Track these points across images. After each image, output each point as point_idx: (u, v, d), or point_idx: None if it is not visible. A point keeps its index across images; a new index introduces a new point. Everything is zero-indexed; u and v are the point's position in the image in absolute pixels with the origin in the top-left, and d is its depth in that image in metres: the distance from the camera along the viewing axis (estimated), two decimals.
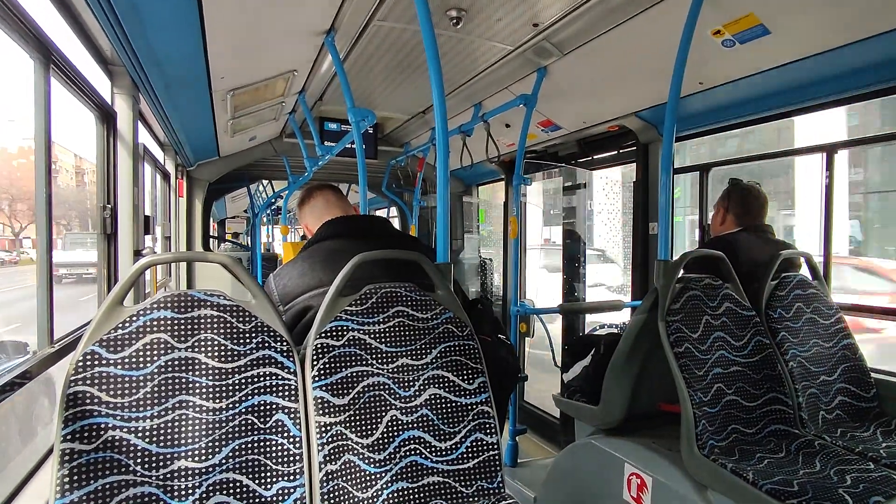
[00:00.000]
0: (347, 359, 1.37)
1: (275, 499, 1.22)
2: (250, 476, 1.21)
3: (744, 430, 1.79)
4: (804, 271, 2.23)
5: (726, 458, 1.64)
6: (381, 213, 7.56)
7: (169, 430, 1.18)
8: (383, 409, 1.37)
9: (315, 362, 1.33)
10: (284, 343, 1.31)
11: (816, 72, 2.08)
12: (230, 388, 1.24)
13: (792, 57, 2.03)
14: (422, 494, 1.33)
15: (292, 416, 1.28)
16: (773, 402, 1.85)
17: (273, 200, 6.71)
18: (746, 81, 2.25)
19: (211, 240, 6.46)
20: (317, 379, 1.32)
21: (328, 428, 1.29)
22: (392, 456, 1.34)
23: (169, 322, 1.22)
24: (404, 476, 1.33)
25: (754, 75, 2.19)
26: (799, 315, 2.06)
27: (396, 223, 6.08)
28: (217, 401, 1.22)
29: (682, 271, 1.96)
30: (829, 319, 2.09)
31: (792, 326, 2.02)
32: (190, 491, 1.16)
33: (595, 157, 3.65)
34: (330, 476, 1.26)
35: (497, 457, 1.41)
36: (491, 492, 1.39)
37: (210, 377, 1.23)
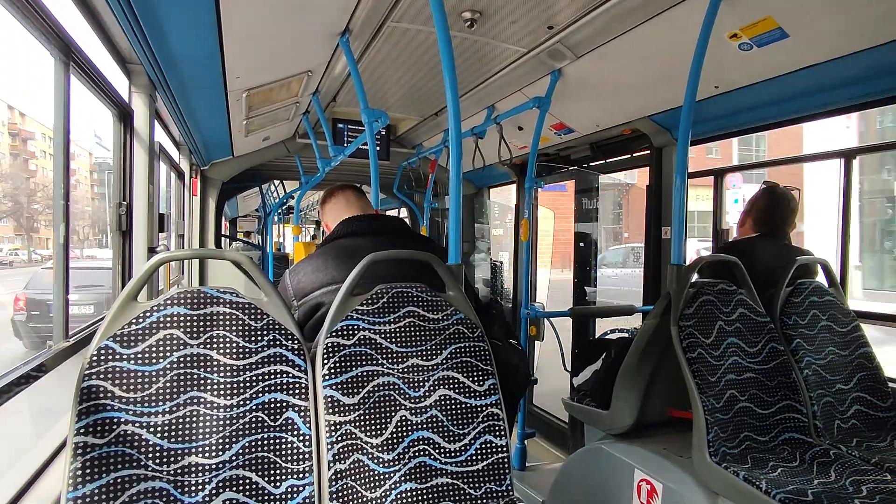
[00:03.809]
0: (358, 358, 1.37)
1: (284, 496, 1.22)
2: (260, 473, 1.22)
3: (757, 437, 1.76)
4: (821, 278, 2.20)
5: (738, 466, 1.62)
6: (392, 214, 7.59)
7: (181, 426, 1.19)
8: (393, 409, 1.37)
9: (325, 361, 1.33)
10: (295, 341, 1.32)
11: (835, 76, 2.05)
12: (241, 385, 1.25)
13: (811, 61, 2.00)
14: (430, 495, 1.33)
15: (302, 414, 1.28)
16: (787, 409, 1.83)
17: (285, 201, 6.75)
18: (763, 85, 2.22)
19: (223, 239, 6.52)
20: (327, 378, 1.32)
21: (338, 427, 1.29)
22: (401, 456, 1.33)
23: (182, 318, 1.23)
24: (413, 476, 1.33)
25: (772, 79, 2.17)
26: (814, 322, 2.03)
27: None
28: (228, 397, 1.23)
29: (695, 276, 1.94)
30: (845, 327, 2.05)
31: (807, 334, 1.99)
32: (200, 487, 1.17)
33: (608, 160, 3.63)
34: (339, 475, 1.26)
35: (506, 459, 1.41)
36: (500, 494, 1.38)
37: (222, 374, 1.24)
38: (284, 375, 1.29)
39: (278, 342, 1.30)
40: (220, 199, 4.59)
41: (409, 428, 1.36)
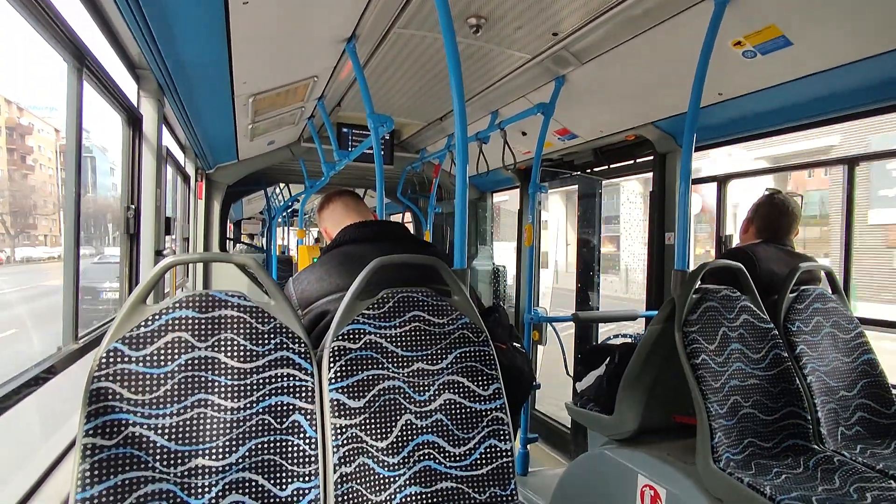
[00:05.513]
0: (364, 362, 1.38)
1: (290, 499, 1.23)
2: (266, 476, 1.23)
3: (761, 444, 1.76)
4: (824, 285, 2.20)
5: (743, 472, 1.62)
6: (396, 218, 7.61)
7: (188, 428, 1.20)
8: (398, 412, 1.37)
9: (332, 364, 1.34)
10: (302, 345, 1.33)
11: (839, 84, 2.06)
12: (248, 387, 1.26)
13: (814, 69, 2.01)
14: (435, 499, 1.33)
15: (308, 417, 1.29)
16: (790, 416, 1.83)
17: (290, 204, 6.77)
18: (767, 93, 2.23)
19: (227, 241, 6.54)
20: (333, 381, 1.33)
21: (343, 430, 1.30)
22: (406, 460, 1.34)
23: (190, 321, 1.25)
24: (418, 480, 1.33)
25: (775, 87, 2.18)
26: (818, 329, 2.03)
27: (411, 229, 6.08)
28: (235, 400, 1.24)
29: (699, 282, 1.94)
30: (849, 334, 2.06)
31: (811, 340, 2.00)
32: (207, 489, 1.18)
33: (611, 166, 3.64)
34: (344, 478, 1.27)
35: (511, 464, 1.41)
36: (504, 499, 1.39)
37: (229, 377, 1.25)
38: (291, 378, 1.30)
39: (285, 345, 1.31)
40: (225, 202, 4.61)
41: (415, 432, 1.37)
